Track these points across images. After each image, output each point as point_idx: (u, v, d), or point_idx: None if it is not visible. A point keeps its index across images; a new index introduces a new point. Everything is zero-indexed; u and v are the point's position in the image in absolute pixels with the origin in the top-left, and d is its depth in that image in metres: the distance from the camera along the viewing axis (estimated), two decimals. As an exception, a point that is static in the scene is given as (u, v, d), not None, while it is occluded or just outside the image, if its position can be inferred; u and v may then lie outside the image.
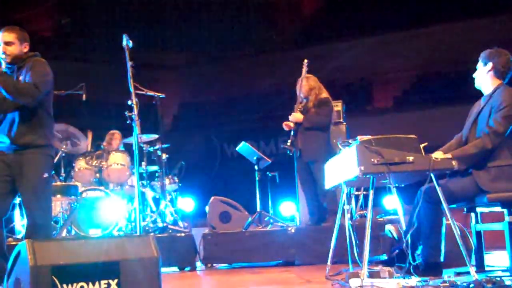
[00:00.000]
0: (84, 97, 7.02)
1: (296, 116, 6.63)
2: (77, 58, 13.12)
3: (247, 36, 14.83)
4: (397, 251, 4.39)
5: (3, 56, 4.31)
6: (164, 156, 7.48)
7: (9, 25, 4.50)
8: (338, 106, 7.35)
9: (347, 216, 4.41)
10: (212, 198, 6.98)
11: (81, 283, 2.77)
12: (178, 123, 14.12)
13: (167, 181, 7.67)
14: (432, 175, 3.68)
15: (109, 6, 13.28)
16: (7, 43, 4.35)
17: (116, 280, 2.84)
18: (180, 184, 7.99)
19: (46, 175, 4.30)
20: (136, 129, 4.48)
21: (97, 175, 7.39)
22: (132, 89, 4.59)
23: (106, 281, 2.81)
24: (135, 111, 4.47)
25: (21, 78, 4.30)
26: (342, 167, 4.06)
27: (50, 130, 4.49)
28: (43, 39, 13.38)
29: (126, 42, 4.77)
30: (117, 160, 7.38)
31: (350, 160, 3.78)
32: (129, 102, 4.54)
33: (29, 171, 4.23)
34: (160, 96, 6.82)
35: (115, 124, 8.60)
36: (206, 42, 14.38)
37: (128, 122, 4.54)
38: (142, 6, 13.24)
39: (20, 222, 6.64)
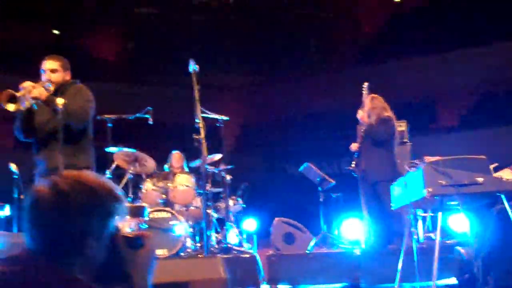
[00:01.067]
0: (150, 120, 7.22)
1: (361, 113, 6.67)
2: (141, 81, 13.47)
3: (308, 56, 14.84)
4: (467, 274, 4.27)
5: (48, 82, 4.50)
6: (228, 177, 7.55)
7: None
8: (402, 126, 7.27)
9: (414, 238, 4.33)
10: (276, 219, 7.00)
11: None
12: (241, 144, 14.22)
13: (231, 202, 7.73)
14: (503, 196, 3.58)
15: (172, 30, 13.59)
16: (52, 71, 4.56)
17: (185, 301, 2.89)
18: (244, 205, 8.04)
19: None
20: (203, 151, 4.56)
21: (164, 196, 7.52)
22: (198, 113, 4.69)
23: (175, 302, 2.86)
24: (202, 134, 4.55)
25: (67, 103, 4.47)
26: (409, 188, 4.00)
27: (91, 153, 4.66)
28: (108, 63, 13.81)
29: (193, 67, 4.89)
30: (183, 181, 7.50)
31: (417, 182, 3.72)
32: (196, 125, 4.64)
33: None
34: (224, 119, 6.92)
35: (178, 145, 8.76)
36: (267, 63, 14.48)
37: (195, 144, 4.63)
38: (203, 29, 13.48)
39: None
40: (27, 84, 4.27)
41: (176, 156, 8.36)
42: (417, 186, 3.69)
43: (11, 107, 4.12)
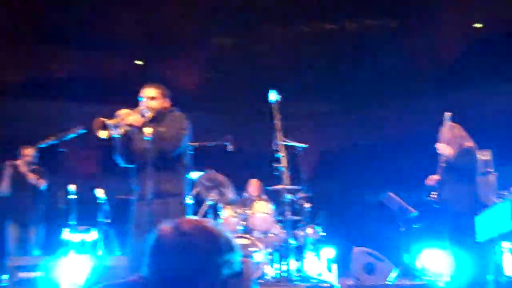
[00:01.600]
0: (230, 147, 7.36)
1: (444, 147, 6.41)
2: (221, 109, 13.73)
3: (385, 82, 14.67)
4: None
5: (146, 110, 4.65)
6: (307, 205, 7.55)
7: (154, 81, 4.89)
8: (486, 155, 7.04)
9: (501, 271, 4.18)
10: (355, 248, 6.92)
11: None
12: (319, 172, 14.17)
13: (310, 230, 7.72)
14: None
15: (250, 60, 13.80)
16: (151, 98, 4.72)
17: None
18: (322, 233, 8.00)
19: None
20: (285, 180, 4.60)
21: (243, 223, 7.60)
22: (279, 142, 4.74)
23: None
24: (283, 163, 4.60)
25: (162, 130, 4.62)
26: (496, 220, 3.89)
27: (185, 180, 4.77)
28: (190, 93, 14.16)
29: (275, 97, 4.96)
30: (262, 208, 7.56)
31: (504, 213, 3.61)
32: (277, 154, 4.69)
33: (164, 219, 4.44)
34: (303, 146, 6.96)
35: (256, 172, 8.85)
36: (343, 90, 14.42)
37: (276, 173, 4.67)
38: (281, 59, 13.62)
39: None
40: (123, 111, 4.44)
41: (254, 183, 8.46)
42: (505, 218, 3.58)
43: (103, 134, 4.30)
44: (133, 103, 4.75)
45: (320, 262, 7.71)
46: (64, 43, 12.54)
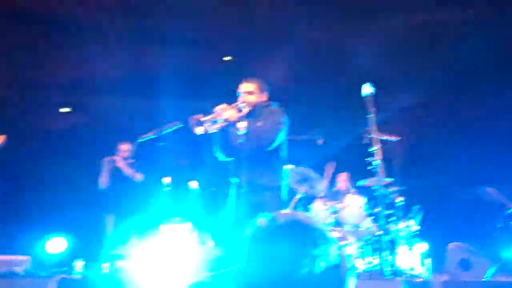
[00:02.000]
0: (320, 141, 7.34)
1: None
2: (312, 103, 13.70)
3: (482, 74, 14.10)
4: None
5: (243, 104, 4.71)
6: (400, 199, 7.42)
7: (246, 77, 4.93)
8: None
9: None
10: (451, 244, 6.73)
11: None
12: (412, 165, 13.87)
13: (402, 224, 7.58)
14: None
15: (342, 53, 13.67)
16: (248, 93, 4.76)
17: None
18: (416, 228, 7.83)
19: None
20: (380, 173, 4.54)
21: (333, 216, 7.58)
22: (374, 136, 4.69)
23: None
24: (377, 156, 4.55)
25: (259, 124, 4.66)
26: None
27: (282, 173, 4.78)
28: (280, 87, 14.23)
29: (369, 90, 4.91)
30: (353, 201, 7.51)
31: None
32: (370, 148, 4.64)
33: (261, 212, 4.49)
34: (395, 140, 6.83)
35: (346, 165, 8.77)
36: (438, 83, 14.00)
37: (370, 167, 4.62)
38: (373, 53, 13.39)
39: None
40: (219, 107, 4.54)
41: (343, 177, 8.40)
42: None
43: (199, 130, 4.42)
44: (229, 98, 4.84)
45: (413, 256, 7.55)
46: (159, 41, 12.93)
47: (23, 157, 13.30)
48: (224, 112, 4.50)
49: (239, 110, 4.64)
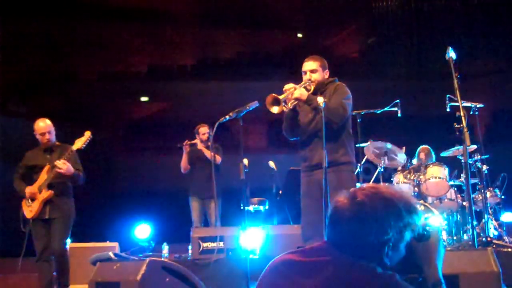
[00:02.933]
0: (399, 113, 7.22)
1: None
2: (385, 75, 13.44)
3: None
4: None
5: (309, 82, 4.70)
6: (484, 167, 7.20)
7: (315, 54, 4.92)
8: None
9: None
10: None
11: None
12: (497, 133, 13.38)
13: (488, 194, 7.35)
14: None
15: (407, 19, 13.33)
16: (312, 71, 4.77)
17: (456, 293, 2.84)
18: (503, 197, 7.58)
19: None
20: (466, 140, 4.42)
21: (416, 189, 7.44)
22: (459, 101, 4.56)
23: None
24: (464, 122, 4.42)
25: (326, 101, 4.63)
26: None
27: (352, 148, 4.76)
28: (352, 60, 14.03)
29: (450, 54, 4.78)
30: (435, 173, 7.34)
31: None
32: (457, 114, 4.52)
33: (336, 188, 4.48)
34: (479, 106, 6.62)
35: (426, 137, 8.58)
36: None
37: (456, 134, 4.50)
38: (451, 18, 12.95)
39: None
40: (289, 86, 4.56)
41: (424, 150, 8.22)
42: None
43: (275, 109, 4.44)
44: (299, 76, 4.85)
45: (500, 226, 7.32)
46: (230, 25, 13.02)
47: (108, 148, 13.79)
48: (295, 91, 4.51)
49: (306, 89, 4.64)
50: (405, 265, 2.00)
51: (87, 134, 6.20)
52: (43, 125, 6.27)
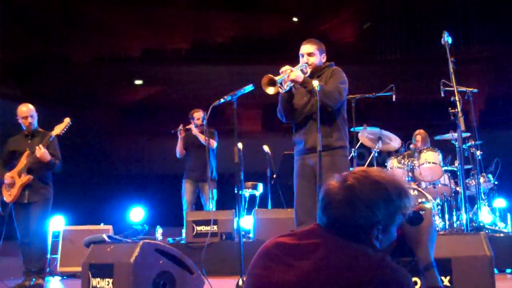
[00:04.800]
0: (393, 98, 7.20)
1: None
2: (380, 60, 13.44)
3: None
4: None
5: (305, 66, 4.69)
6: (478, 153, 7.22)
7: (311, 38, 4.90)
8: None
9: None
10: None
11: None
12: (485, 118, 13.44)
13: (481, 179, 7.39)
14: None
15: (403, 4, 13.30)
16: (309, 54, 4.75)
17: (448, 278, 2.84)
18: (495, 182, 7.62)
19: None
20: (460, 126, 4.41)
21: (409, 173, 7.47)
22: (455, 86, 4.55)
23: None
24: (458, 107, 4.42)
25: (322, 84, 4.62)
26: None
27: (346, 133, 4.76)
28: (347, 45, 14.01)
29: (446, 39, 4.76)
30: (429, 158, 7.35)
31: None
32: (452, 99, 4.51)
33: (329, 172, 4.50)
34: (473, 91, 6.61)
35: (421, 121, 8.59)
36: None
37: (451, 118, 4.49)
38: (445, 1, 12.92)
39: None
40: (286, 67, 4.54)
41: (421, 133, 8.24)
42: None
43: (270, 90, 4.42)
44: (293, 60, 4.83)
45: (493, 211, 7.37)
46: (225, 8, 12.94)
47: (102, 131, 13.75)
48: (291, 73, 4.49)
49: (302, 72, 4.62)
50: (397, 248, 2.01)
51: (66, 120, 6.22)
52: (25, 109, 6.32)
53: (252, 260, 1.98)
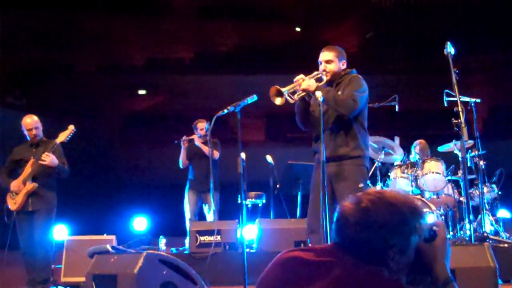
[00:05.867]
0: (397, 108, 7.22)
1: None
2: (383, 70, 13.44)
3: None
4: None
5: (324, 73, 4.68)
6: (482, 163, 7.20)
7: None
8: None
9: None
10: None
11: None
12: (489, 128, 13.42)
13: (485, 189, 7.37)
14: None
15: (406, 14, 13.32)
16: (327, 61, 4.72)
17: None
18: (499, 193, 7.60)
19: (361, 185, 4.51)
20: (464, 135, 4.41)
21: (413, 184, 7.46)
22: (457, 96, 4.55)
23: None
24: (461, 118, 4.41)
25: (339, 93, 4.61)
26: None
27: (365, 142, 4.71)
28: (350, 55, 14.02)
29: (449, 49, 4.76)
30: (432, 168, 7.35)
31: None
32: (455, 109, 4.51)
33: (345, 182, 4.49)
34: (476, 101, 6.61)
35: (423, 131, 8.58)
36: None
37: (455, 129, 4.48)
38: (447, 11, 12.94)
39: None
40: (299, 77, 4.53)
41: (421, 144, 8.24)
42: None
43: (277, 100, 4.43)
44: (302, 69, 4.83)
45: (497, 222, 7.34)
46: (228, 18, 12.97)
47: (106, 141, 13.77)
48: (303, 82, 4.47)
49: (320, 79, 4.60)
50: (413, 266, 2.01)
51: (71, 127, 6.29)
52: (30, 121, 6.40)
53: (266, 270, 1.98)
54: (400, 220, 1.88)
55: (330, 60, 4.71)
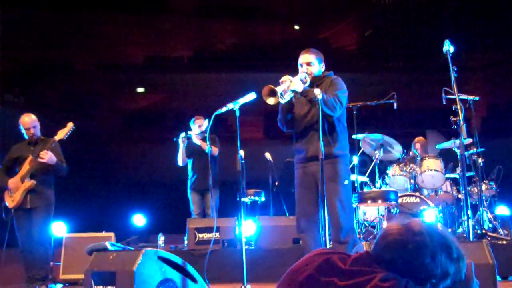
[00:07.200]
0: (395, 105, 7.23)
1: None
2: (381, 68, 13.45)
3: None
4: None
5: (305, 75, 4.71)
6: (480, 160, 7.22)
7: (310, 47, 4.93)
8: None
9: None
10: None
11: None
12: (491, 126, 13.43)
13: (483, 186, 7.38)
14: None
15: (405, 12, 13.33)
16: (308, 63, 4.77)
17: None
18: (498, 190, 7.61)
19: (346, 181, 4.59)
20: (463, 133, 4.43)
21: (411, 181, 7.47)
22: (456, 94, 4.56)
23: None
24: (460, 116, 4.43)
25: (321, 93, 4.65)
26: None
27: (347, 140, 4.78)
28: (349, 53, 14.03)
29: (448, 48, 4.78)
30: (431, 165, 7.37)
31: None
32: (454, 107, 4.53)
33: (332, 180, 4.53)
34: (474, 99, 6.62)
35: (422, 129, 8.58)
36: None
37: (453, 127, 4.51)
38: (446, 10, 12.95)
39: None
40: (286, 77, 4.55)
41: (420, 141, 8.26)
42: None
43: (271, 101, 4.44)
44: (295, 68, 4.86)
45: (495, 219, 7.35)
46: (227, 16, 12.97)
47: (105, 138, 13.76)
48: (291, 83, 4.50)
49: (302, 82, 4.64)
50: None
51: (69, 125, 6.28)
52: (28, 120, 6.40)
53: (295, 266, 1.99)
54: (448, 254, 1.90)
55: (310, 63, 4.78)
